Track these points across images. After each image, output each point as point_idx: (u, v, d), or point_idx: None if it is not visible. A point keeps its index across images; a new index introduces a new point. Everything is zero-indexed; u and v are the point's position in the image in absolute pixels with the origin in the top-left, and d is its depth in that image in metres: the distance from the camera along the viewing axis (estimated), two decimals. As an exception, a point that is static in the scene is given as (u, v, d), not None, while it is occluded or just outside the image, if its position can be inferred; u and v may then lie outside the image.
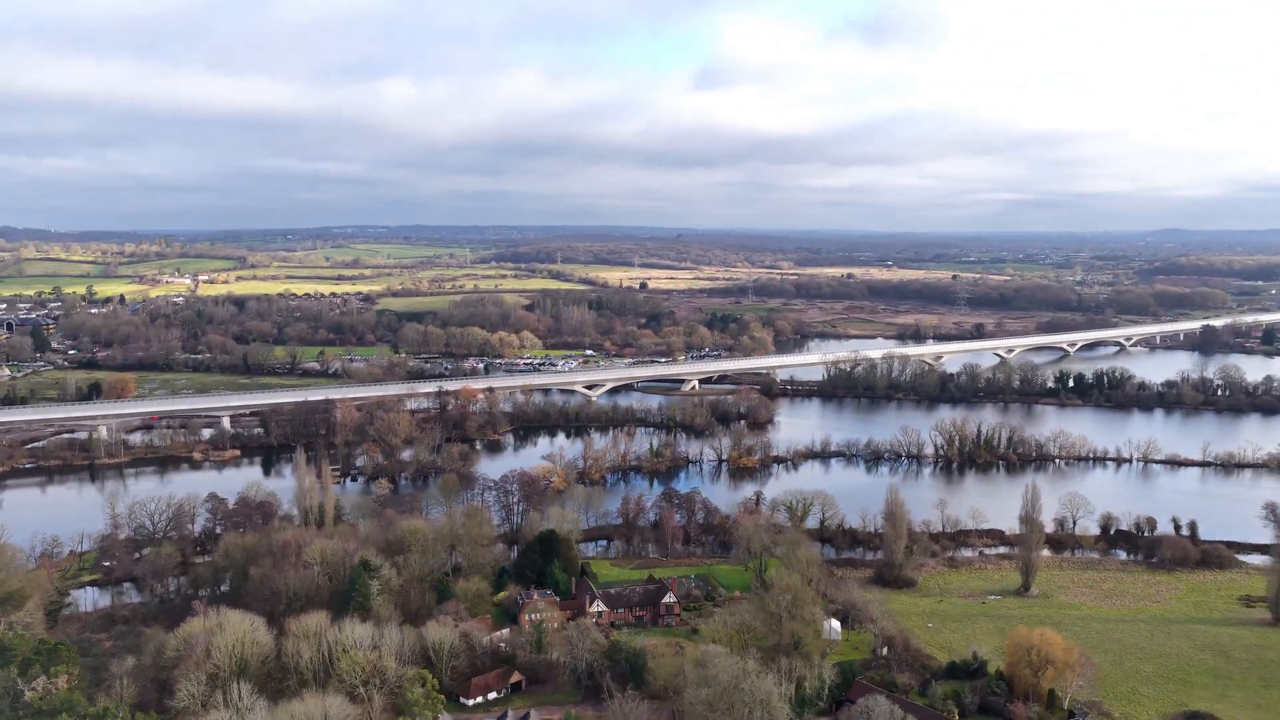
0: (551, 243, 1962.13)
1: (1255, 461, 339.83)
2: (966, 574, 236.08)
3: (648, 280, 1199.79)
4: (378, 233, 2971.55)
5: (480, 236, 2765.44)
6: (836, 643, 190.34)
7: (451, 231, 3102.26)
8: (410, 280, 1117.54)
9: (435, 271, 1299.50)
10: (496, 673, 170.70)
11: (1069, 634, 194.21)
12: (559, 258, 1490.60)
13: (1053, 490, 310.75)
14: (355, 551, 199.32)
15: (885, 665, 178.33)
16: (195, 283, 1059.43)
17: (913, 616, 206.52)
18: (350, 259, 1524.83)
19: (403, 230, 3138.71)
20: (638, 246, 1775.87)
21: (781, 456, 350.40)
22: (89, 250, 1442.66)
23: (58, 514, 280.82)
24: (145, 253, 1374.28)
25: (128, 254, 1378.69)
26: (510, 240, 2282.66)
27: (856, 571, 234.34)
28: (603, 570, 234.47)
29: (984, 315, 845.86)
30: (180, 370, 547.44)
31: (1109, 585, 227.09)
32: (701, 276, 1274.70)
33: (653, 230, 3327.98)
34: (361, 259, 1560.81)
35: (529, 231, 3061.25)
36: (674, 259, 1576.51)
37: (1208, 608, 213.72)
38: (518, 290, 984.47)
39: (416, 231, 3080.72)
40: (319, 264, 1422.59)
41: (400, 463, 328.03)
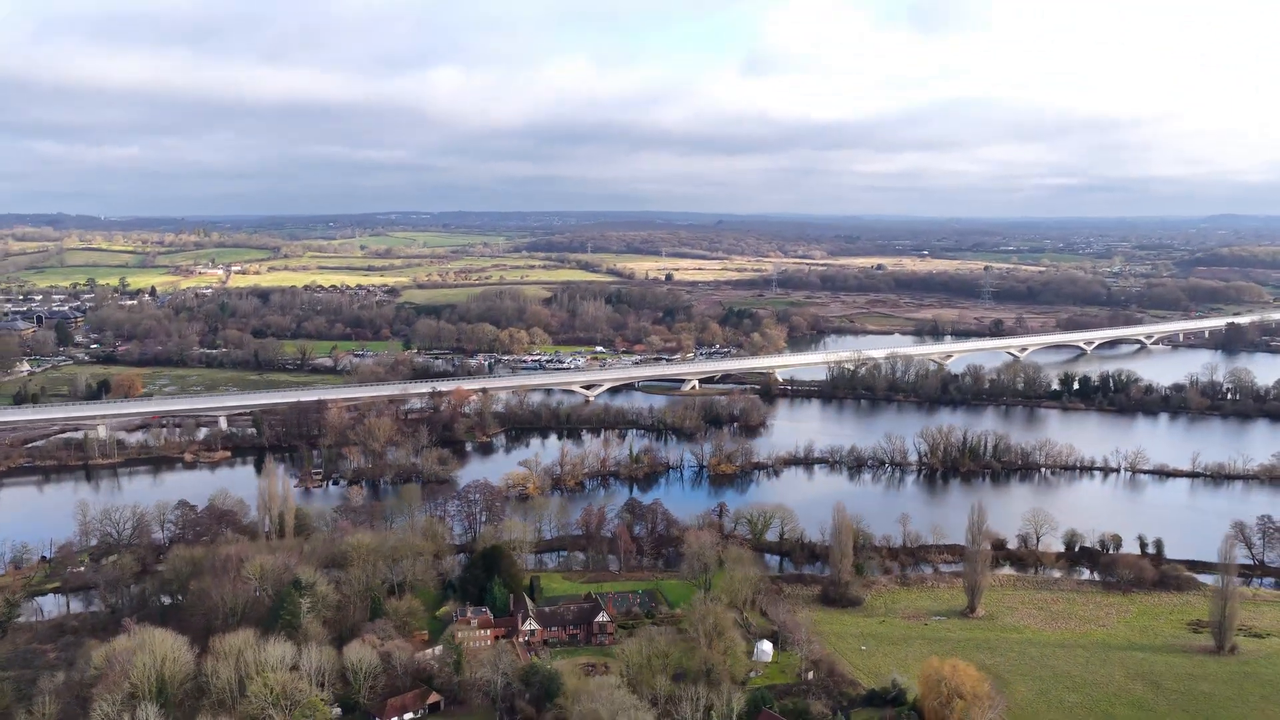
0: (588, 231, 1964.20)
1: (1245, 473, 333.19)
2: (917, 593, 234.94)
3: (674, 271, 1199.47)
4: (421, 219, 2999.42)
5: (522, 223, 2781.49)
6: (766, 665, 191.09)
7: (494, 218, 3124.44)
8: (438, 271, 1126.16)
9: (465, 261, 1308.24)
10: (414, 693, 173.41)
11: (1003, 659, 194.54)
12: (590, 247, 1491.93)
13: (1036, 501, 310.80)
14: (296, 566, 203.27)
15: (805, 691, 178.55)
16: (227, 274, 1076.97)
17: (849, 638, 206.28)
18: (384, 248, 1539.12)
19: (445, 217, 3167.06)
20: (671, 235, 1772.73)
21: (763, 463, 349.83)
22: (130, 240, 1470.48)
23: (40, 517, 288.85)
24: (184, 242, 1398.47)
25: (167, 244, 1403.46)
26: (551, 227, 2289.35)
27: (806, 588, 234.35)
28: (554, 584, 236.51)
29: (1009, 309, 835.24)
30: (194, 366, 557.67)
31: (1059, 607, 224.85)
32: (730, 267, 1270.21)
33: (695, 216, 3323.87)
34: (396, 248, 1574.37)
35: (570, 218, 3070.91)
36: (706, 249, 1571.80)
37: (1154, 633, 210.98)
38: (543, 282, 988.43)
39: (459, 218, 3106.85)
40: (353, 254, 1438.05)
41: (383, 466, 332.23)
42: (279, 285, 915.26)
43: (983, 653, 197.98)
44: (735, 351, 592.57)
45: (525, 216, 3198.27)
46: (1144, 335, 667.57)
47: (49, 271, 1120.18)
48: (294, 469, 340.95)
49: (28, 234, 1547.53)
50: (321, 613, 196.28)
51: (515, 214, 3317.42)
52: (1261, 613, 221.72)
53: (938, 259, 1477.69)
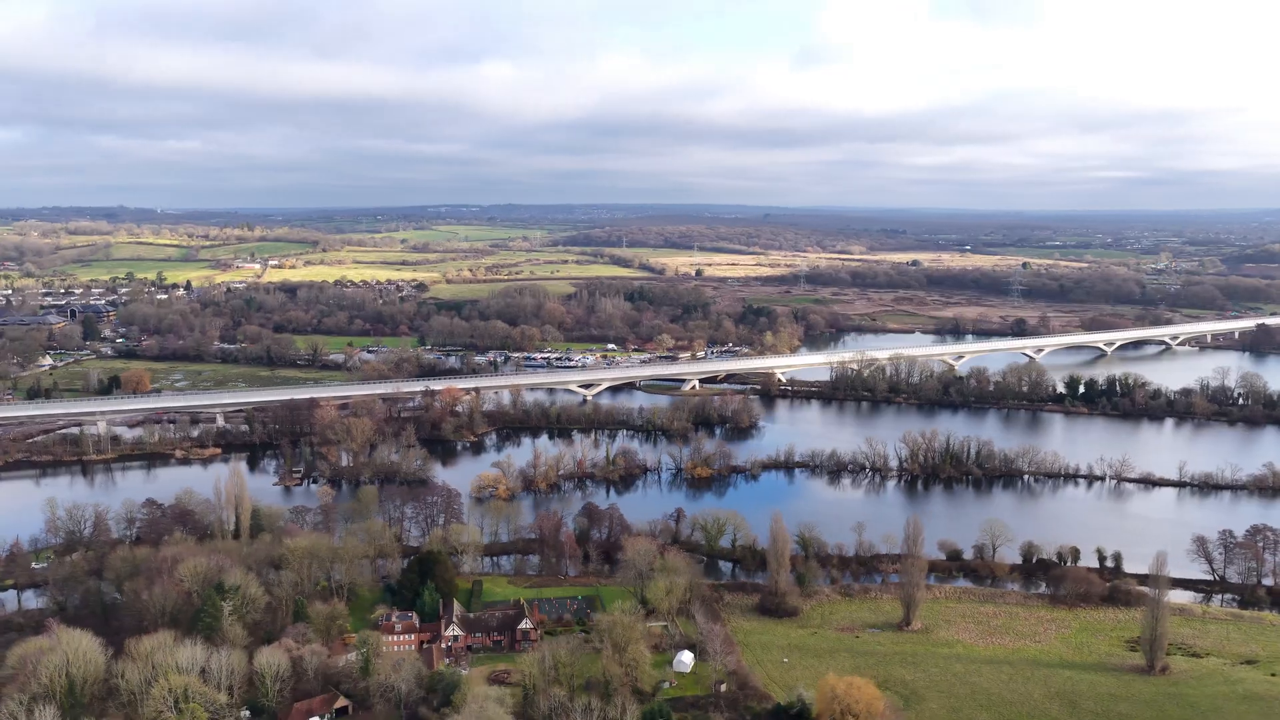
0: (633, 225, 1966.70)
1: (1233, 484, 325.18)
2: (858, 604, 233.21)
3: (706, 267, 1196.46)
4: (469, 212, 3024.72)
5: (569, 216, 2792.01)
6: (684, 676, 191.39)
7: (541, 211, 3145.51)
8: (468, 267, 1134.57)
9: (499, 256, 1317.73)
10: (321, 698, 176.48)
11: (923, 675, 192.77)
12: (624, 242, 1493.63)
13: (1015, 509, 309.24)
14: (230, 568, 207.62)
15: (711, 704, 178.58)
16: (264, 268, 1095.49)
17: (775, 649, 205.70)
18: (422, 242, 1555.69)
19: (494, 210, 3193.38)
20: (709, 230, 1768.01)
21: (740, 467, 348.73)
22: (177, 234, 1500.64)
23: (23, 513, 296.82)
24: (227, 237, 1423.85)
25: (211, 238, 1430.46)
26: (597, 221, 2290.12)
27: (747, 597, 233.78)
28: (498, 589, 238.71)
29: (1037, 308, 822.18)
30: (211, 361, 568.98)
31: (999, 621, 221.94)
32: (764, 263, 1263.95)
33: (743, 210, 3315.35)
34: (437, 242, 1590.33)
35: (618, 211, 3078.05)
36: (744, 244, 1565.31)
37: (1090, 650, 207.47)
38: (572, 277, 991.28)
39: (507, 211, 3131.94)
40: (392, 247, 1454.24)
41: (360, 466, 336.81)
42: (310, 280, 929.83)
43: (905, 667, 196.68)
44: (745, 351, 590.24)
45: (572, 210, 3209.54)
46: (1169, 336, 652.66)
47: (95, 265, 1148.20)
48: (282, 467, 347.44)
49: (80, 228, 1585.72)
50: (249, 615, 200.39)
51: (562, 207, 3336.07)
52: (1208, 631, 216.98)
53: (979, 254, 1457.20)
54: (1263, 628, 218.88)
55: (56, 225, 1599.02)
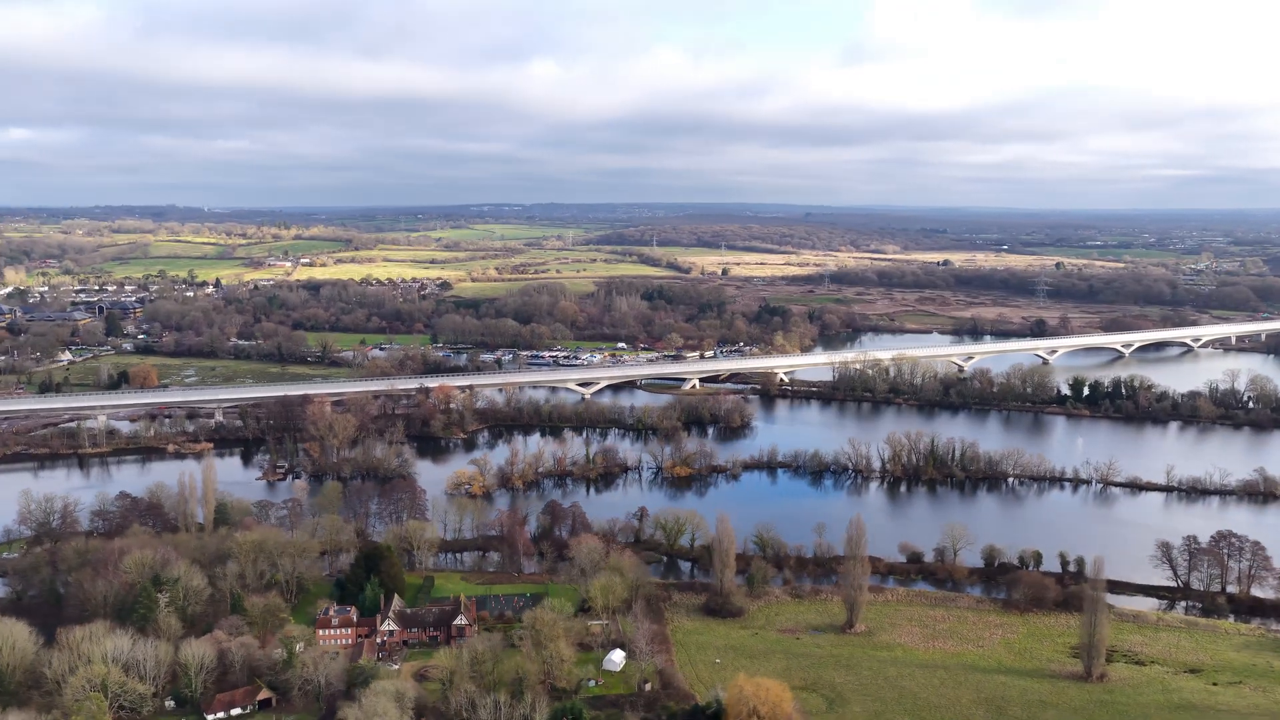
0: (666, 224, 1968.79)
1: (1222, 489, 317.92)
2: (807, 606, 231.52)
3: (735, 266, 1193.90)
4: (510, 211, 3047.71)
5: (610, 215, 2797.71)
6: (614, 674, 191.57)
7: (582, 210, 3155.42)
8: (495, 266, 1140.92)
9: (528, 255, 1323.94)
10: (244, 690, 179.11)
11: (853, 678, 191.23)
12: (654, 240, 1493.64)
13: (997, 513, 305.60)
14: (175, 561, 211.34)
15: (632, 704, 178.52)
16: (294, 266, 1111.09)
17: (710, 650, 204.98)
18: (455, 241, 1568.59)
19: (536, 209, 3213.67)
20: (743, 229, 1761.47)
21: (721, 467, 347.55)
22: (216, 233, 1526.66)
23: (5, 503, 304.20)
24: (263, 235, 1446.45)
25: (249, 236, 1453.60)
26: (639, 220, 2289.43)
27: (696, 597, 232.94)
28: (450, 585, 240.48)
29: (1062, 308, 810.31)
30: (225, 357, 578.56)
31: (945, 625, 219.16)
32: (793, 262, 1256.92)
33: (785, 208, 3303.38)
34: (470, 241, 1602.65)
35: (659, 210, 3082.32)
36: (776, 243, 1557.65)
37: (1032, 656, 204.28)
38: (597, 276, 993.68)
39: (548, 210, 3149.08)
40: (426, 246, 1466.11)
41: (342, 462, 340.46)
42: (337, 278, 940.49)
43: (838, 670, 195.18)
44: (752, 350, 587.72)
45: (614, 209, 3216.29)
46: (1191, 338, 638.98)
47: (133, 263, 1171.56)
48: (267, 463, 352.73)
49: (124, 226, 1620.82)
50: (191, 608, 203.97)
51: (604, 206, 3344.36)
52: (1158, 639, 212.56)
53: (1015, 254, 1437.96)
54: (1215, 636, 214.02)
55: (102, 224, 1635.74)
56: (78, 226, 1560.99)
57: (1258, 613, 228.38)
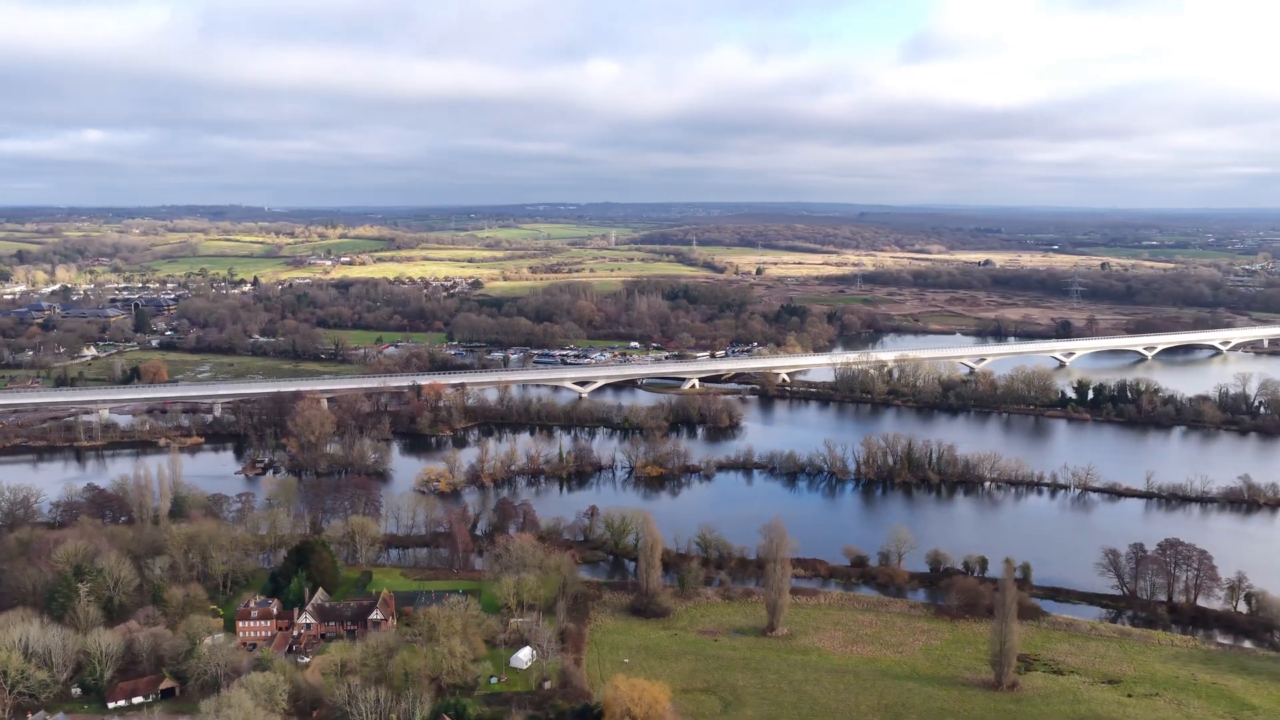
0: (717, 223, 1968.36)
1: (1202, 496, 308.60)
2: (736, 607, 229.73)
3: (771, 265, 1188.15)
4: (565, 210, 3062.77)
5: (664, 214, 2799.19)
6: (521, 672, 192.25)
7: (636, 209, 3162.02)
8: (529, 265, 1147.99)
9: (565, 255, 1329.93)
10: (147, 679, 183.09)
11: (757, 681, 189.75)
12: (694, 240, 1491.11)
13: (962, 518, 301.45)
14: (107, 552, 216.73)
15: (516, 701, 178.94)
16: (334, 264, 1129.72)
17: (623, 649, 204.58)
18: (497, 239, 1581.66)
19: (589, 208, 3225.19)
20: (786, 230, 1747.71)
21: (695, 467, 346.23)
22: (265, 232, 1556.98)
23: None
24: (310, 235, 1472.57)
25: (296, 235, 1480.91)
26: (692, 219, 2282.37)
27: (627, 596, 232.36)
28: (389, 580, 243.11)
29: (1097, 309, 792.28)
30: (242, 354, 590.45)
31: (870, 630, 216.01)
32: (831, 262, 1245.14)
33: (842, 207, 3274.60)
34: (516, 240, 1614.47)
35: (713, 209, 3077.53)
36: (819, 242, 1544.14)
37: (950, 663, 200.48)
38: (630, 275, 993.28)
39: (602, 209, 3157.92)
40: (470, 245, 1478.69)
41: (317, 457, 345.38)
42: (370, 277, 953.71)
43: (744, 672, 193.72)
44: (763, 350, 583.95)
45: (669, 208, 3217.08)
46: (1220, 341, 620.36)
47: (182, 261, 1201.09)
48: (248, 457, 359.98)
49: (180, 225, 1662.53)
50: (119, 598, 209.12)
51: (659, 205, 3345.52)
52: (1086, 648, 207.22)
53: (1065, 254, 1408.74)
54: (1147, 647, 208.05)
55: (159, 223, 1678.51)
56: (135, 226, 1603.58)
57: (1200, 624, 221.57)
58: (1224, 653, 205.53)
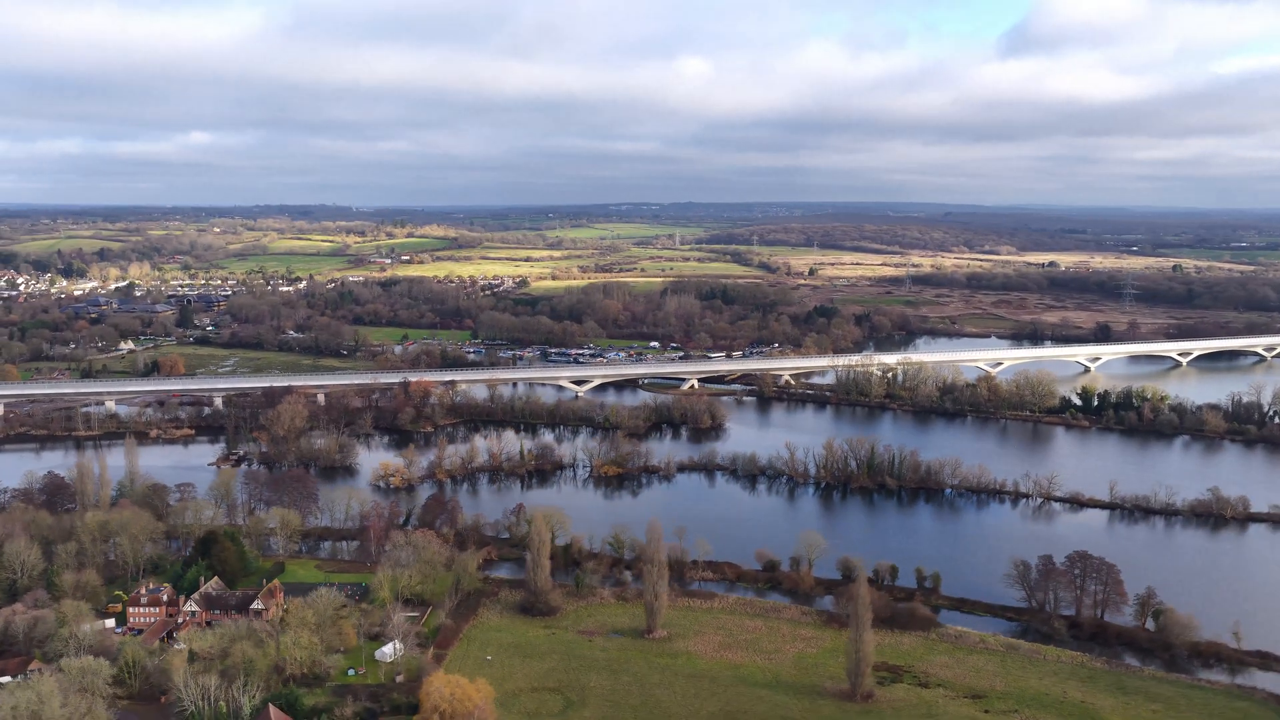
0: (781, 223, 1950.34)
1: (1168, 508, 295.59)
2: (627, 609, 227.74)
3: (828, 266, 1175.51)
4: (647, 210, 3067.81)
5: (745, 214, 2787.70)
6: (384, 664, 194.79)
7: (719, 209, 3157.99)
8: (578, 265, 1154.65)
9: (625, 254, 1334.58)
10: (17, 660, 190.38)
11: (608, 682, 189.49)
12: (755, 240, 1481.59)
13: (927, 525, 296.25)
14: (17, 537, 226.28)
15: (352, 694, 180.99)
16: (393, 263, 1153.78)
17: (492, 646, 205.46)
18: (563, 239, 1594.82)
19: (672, 208, 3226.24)
20: (853, 229, 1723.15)
21: (655, 467, 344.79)
22: (340, 231, 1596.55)
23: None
24: (378, 234, 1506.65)
25: (366, 235, 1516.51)
26: (775, 218, 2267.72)
27: (520, 594, 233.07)
28: (303, 571, 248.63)
29: (1150, 312, 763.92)
30: (269, 349, 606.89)
31: (751, 636, 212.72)
32: (890, 263, 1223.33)
33: (927, 207, 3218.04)
34: (581, 239, 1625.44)
35: (796, 209, 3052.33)
36: (884, 242, 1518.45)
37: (818, 672, 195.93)
38: (678, 275, 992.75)
39: (685, 209, 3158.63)
40: (533, 245, 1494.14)
41: (285, 451, 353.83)
42: (420, 275, 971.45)
43: (602, 674, 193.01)
44: (783, 351, 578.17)
45: (751, 208, 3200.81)
46: (1263, 347, 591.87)
47: (251, 259, 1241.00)
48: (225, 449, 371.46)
49: (260, 225, 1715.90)
50: (22, 581, 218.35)
51: (742, 205, 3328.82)
52: (964, 661, 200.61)
53: (1142, 256, 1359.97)
54: (1030, 662, 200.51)
55: (239, 222, 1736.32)
56: (217, 225, 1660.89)
57: (1099, 639, 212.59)
58: (1109, 670, 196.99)
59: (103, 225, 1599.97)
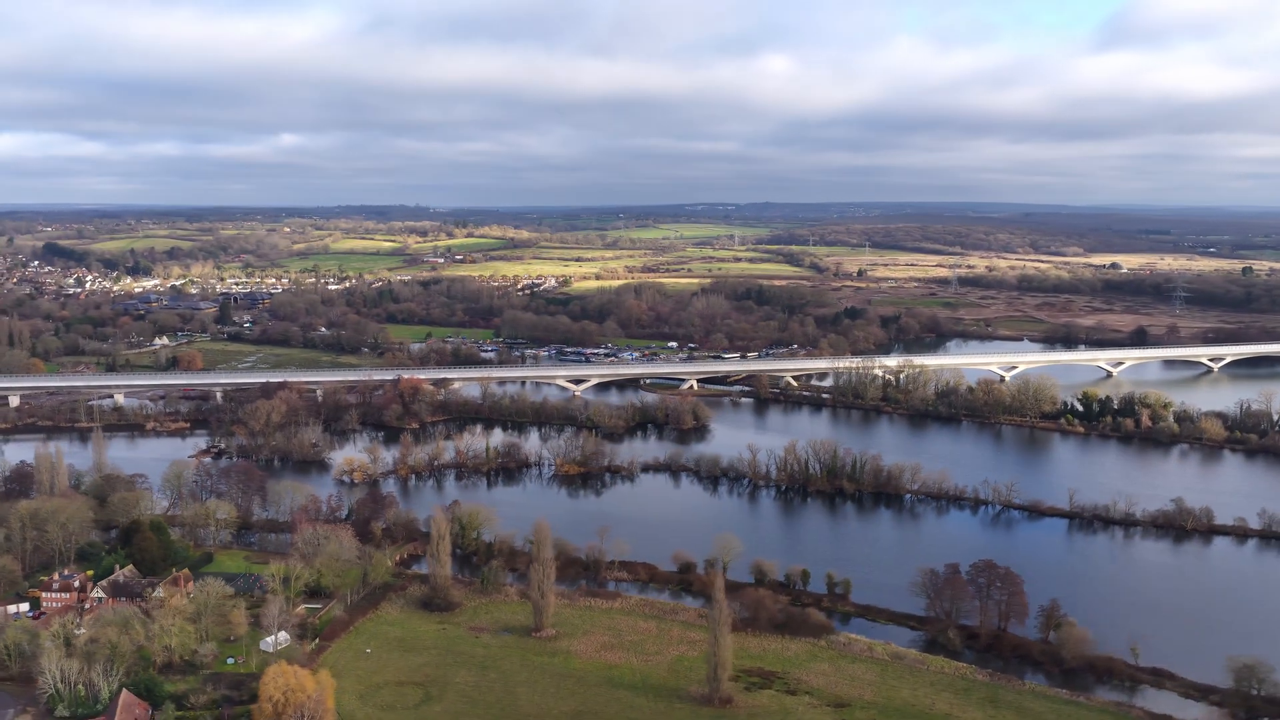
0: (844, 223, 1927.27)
1: (1128, 518, 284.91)
2: (528, 607, 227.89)
3: (881, 266, 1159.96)
4: (722, 211, 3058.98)
5: (820, 215, 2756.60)
6: (268, 655, 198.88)
7: (795, 209, 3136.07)
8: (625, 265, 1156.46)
9: (676, 255, 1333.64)
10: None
11: (479, 678, 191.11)
12: (811, 240, 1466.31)
13: (886, 531, 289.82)
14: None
15: (212, 682, 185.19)
16: (446, 263, 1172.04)
17: (378, 640, 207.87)
18: (621, 239, 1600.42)
19: (748, 208, 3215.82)
20: (917, 228, 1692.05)
21: (618, 467, 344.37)
22: (403, 232, 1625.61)
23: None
24: (439, 234, 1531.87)
25: (427, 235, 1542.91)
26: (853, 218, 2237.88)
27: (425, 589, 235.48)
28: (231, 562, 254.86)
29: (1202, 317, 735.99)
30: (294, 346, 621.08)
31: (637, 638, 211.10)
32: (945, 265, 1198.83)
33: (1012, 207, 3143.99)
34: (642, 240, 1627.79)
35: (874, 209, 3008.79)
36: (946, 243, 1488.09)
37: (691, 676, 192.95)
38: (723, 275, 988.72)
39: (759, 209, 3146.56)
40: (590, 245, 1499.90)
41: (260, 446, 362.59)
42: (465, 275, 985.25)
43: (471, 670, 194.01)
44: (800, 352, 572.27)
45: (826, 208, 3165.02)
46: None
47: (312, 258, 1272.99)
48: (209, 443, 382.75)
49: (327, 224, 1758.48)
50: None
51: (817, 205, 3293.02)
52: (843, 670, 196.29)
53: (1219, 258, 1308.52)
54: (912, 673, 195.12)
55: (307, 222, 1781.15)
56: (287, 225, 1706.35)
57: (995, 650, 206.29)
58: (988, 683, 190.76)
59: (180, 225, 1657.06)
